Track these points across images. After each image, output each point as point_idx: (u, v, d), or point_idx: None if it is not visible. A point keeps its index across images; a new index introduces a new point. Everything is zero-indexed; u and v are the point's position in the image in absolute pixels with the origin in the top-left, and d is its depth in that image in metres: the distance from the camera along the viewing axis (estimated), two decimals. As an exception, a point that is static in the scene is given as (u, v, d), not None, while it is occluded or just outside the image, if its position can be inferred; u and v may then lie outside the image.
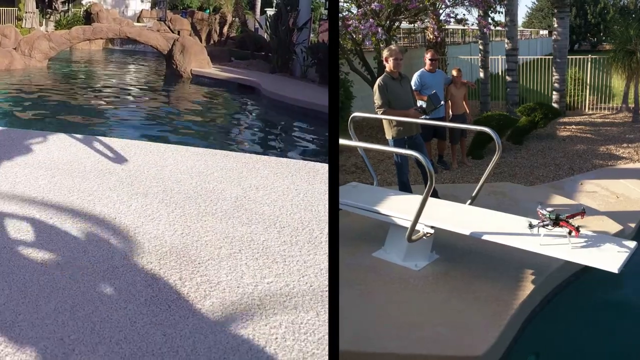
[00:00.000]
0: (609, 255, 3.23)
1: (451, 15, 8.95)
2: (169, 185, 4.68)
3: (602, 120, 10.07)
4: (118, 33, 15.45)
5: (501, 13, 9.96)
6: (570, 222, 3.38)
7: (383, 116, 4.76)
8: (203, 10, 23.42)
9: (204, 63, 14.24)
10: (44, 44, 14.23)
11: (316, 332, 2.74)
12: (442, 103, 5.99)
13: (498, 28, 10.94)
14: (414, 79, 6.19)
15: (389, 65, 4.81)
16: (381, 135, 5.35)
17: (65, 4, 21.18)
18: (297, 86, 12.19)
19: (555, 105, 9.95)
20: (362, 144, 5.11)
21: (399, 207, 4.02)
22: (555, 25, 10.53)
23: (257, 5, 23.44)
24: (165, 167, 5.17)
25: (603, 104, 10.88)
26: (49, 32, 15.65)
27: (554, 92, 10.42)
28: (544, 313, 3.59)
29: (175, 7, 24.67)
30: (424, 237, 3.78)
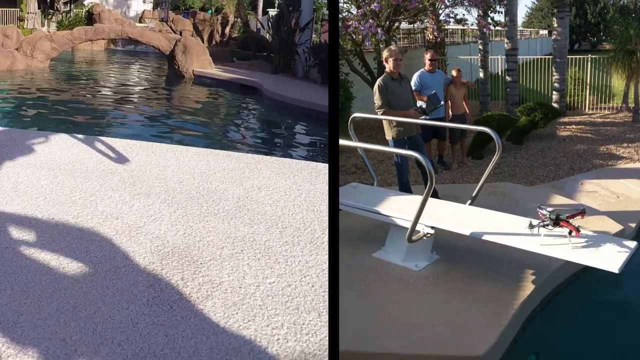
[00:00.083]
0: (610, 255, 3.23)
1: (451, 15, 8.98)
2: (171, 186, 4.69)
3: (602, 120, 10.05)
4: (120, 34, 15.44)
5: (501, 13, 9.96)
6: (570, 222, 3.38)
7: (383, 117, 4.76)
8: (205, 10, 23.45)
9: (206, 63, 14.24)
10: (45, 45, 14.24)
11: (318, 333, 2.74)
12: (442, 103, 5.99)
13: (498, 28, 10.93)
14: (414, 79, 6.19)
15: (388, 65, 4.81)
16: (381, 136, 5.36)
17: (67, 4, 21.20)
18: (299, 86, 12.19)
19: (555, 105, 9.93)
20: (362, 145, 5.13)
21: (399, 208, 4.02)
22: (555, 25, 10.51)
23: (259, 5, 23.44)
24: (168, 168, 5.18)
25: (603, 104, 10.86)
26: (51, 33, 15.66)
27: (554, 92, 10.41)
28: (545, 313, 3.59)
29: (177, 8, 24.71)
30: (424, 238, 3.79)
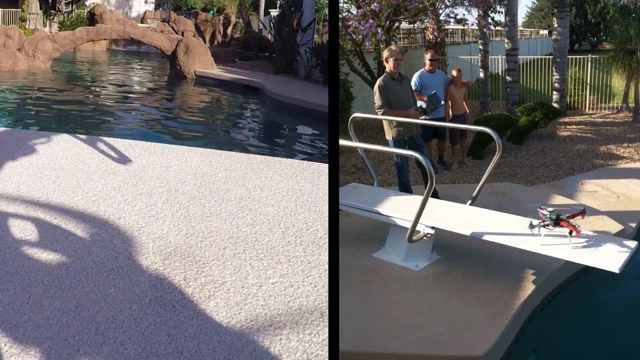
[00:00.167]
0: (610, 255, 3.23)
1: (451, 15, 8.98)
2: (173, 186, 4.70)
3: (603, 120, 10.05)
4: (122, 34, 15.47)
5: (501, 13, 9.97)
6: (570, 222, 3.38)
7: (383, 117, 4.76)
8: (207, 11, 23.46)
9: (207, 64, 14.25)
10: (47, 45, 14.27)
11: (320, 333, 2.75)
12: (442, 103, 5.99)
13: (498, 28, 10.93)
14: (414, 79, 6.20)
15: (389, 65, 4.82)
16: (381, 136, 5.37)
17: (69, 5, 21.23)
18: (301, 87, 12.20)
19: (555, 105, 9.94)
20: (363, 145, 5.12)
21: (399, 208, 4.03)
22: (555, 25, 10.52)
23: (261, 6, 23.43)
24: (170, 168, 5.19)
25: (603, 104, 10.87)
26: (53, 33, 15.69)
27: (554, 92, 10.42)
28: (545, 313, 3.59)
29: (179, 8, 24.72)
30: (425, 238, 3.79)
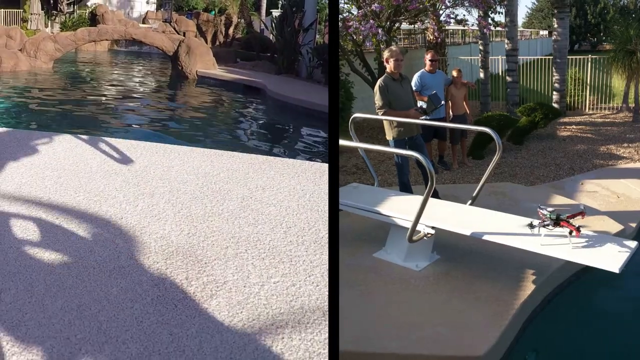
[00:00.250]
0: (610, 255, 3.23)
1: (451, 15, 9.00)
2: (175, 186, 4.71)
3: (603, 120, 10.06)
4: (123, 34, 15.47)
5: (501, 13, 9.99)
6: (570, 222, 3.39)
7: (383, 117, 4.77)
8: (208, 11, 23.42)
9: (209, 64, 14.24)
10: (49, 46, 14.28)
11: (322, 332, 2.76)
12: (443, 103, 6.01)
13: (498, 28, 10.95)
14: (414, 79, 6.21)
15: (389, 66, 4.83)
16: (382, 136, 5.38)
17: (71, 5, 21.23)
18: (303, 87, 12.20)
19: (555, 105, 9.95)
20: (363, 145, 5.13)
21: (399, 208, 4.03)
22: (555, 25, 10.53)
23: (263, 6, 23.42)
24: (172, 168, 5.20)
25: (603, 104, 10.88)
26: (55, 34, 15.69)
27: (554, 92, 10.43)
28: (545, 313, 3.60)
29: (181, 9, 24.69)
30: (425, 238, 3.80)
